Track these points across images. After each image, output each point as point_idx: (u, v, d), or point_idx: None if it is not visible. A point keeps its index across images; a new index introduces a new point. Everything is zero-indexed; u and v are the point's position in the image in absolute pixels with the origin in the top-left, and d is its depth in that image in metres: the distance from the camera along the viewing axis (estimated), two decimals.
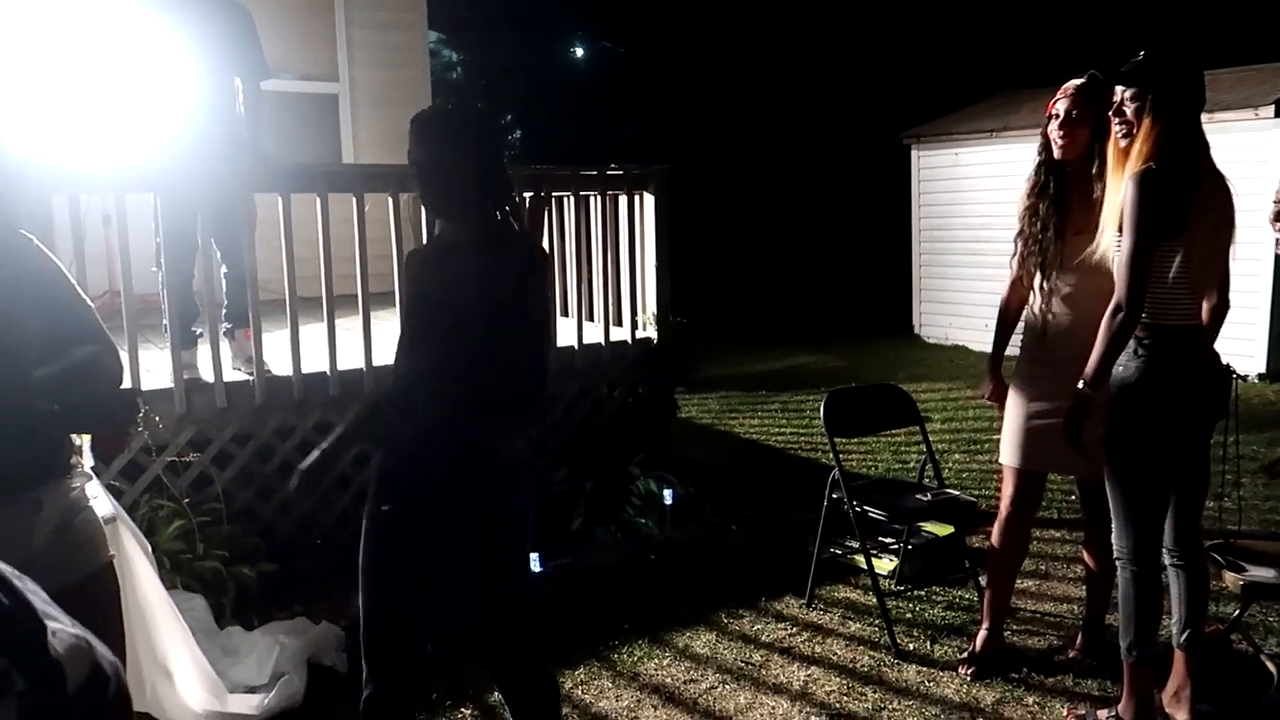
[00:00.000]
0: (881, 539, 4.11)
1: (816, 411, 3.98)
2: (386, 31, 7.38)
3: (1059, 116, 2.90)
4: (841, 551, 4.04)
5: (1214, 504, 3.33)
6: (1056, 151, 2.93)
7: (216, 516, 3.64)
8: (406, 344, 2.28)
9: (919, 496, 3.62)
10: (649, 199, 4.92)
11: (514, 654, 2.28)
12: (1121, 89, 2.55)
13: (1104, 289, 2.62)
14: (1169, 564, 2.74)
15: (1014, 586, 3.41)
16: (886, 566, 3.97)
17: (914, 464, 5.19)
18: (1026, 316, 3.10)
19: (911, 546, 3.96)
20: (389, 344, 2.71)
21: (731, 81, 15.08)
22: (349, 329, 4.14)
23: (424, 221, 2.28)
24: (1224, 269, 2.70)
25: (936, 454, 4.00)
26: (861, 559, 3.64)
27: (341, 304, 4.06)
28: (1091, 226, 2.76)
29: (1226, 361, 2.72)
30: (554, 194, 4.81)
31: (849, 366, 8.93)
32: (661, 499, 4.48)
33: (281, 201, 3.88)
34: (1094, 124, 2.84)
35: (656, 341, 4.97)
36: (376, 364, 4.03)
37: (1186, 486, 2.70)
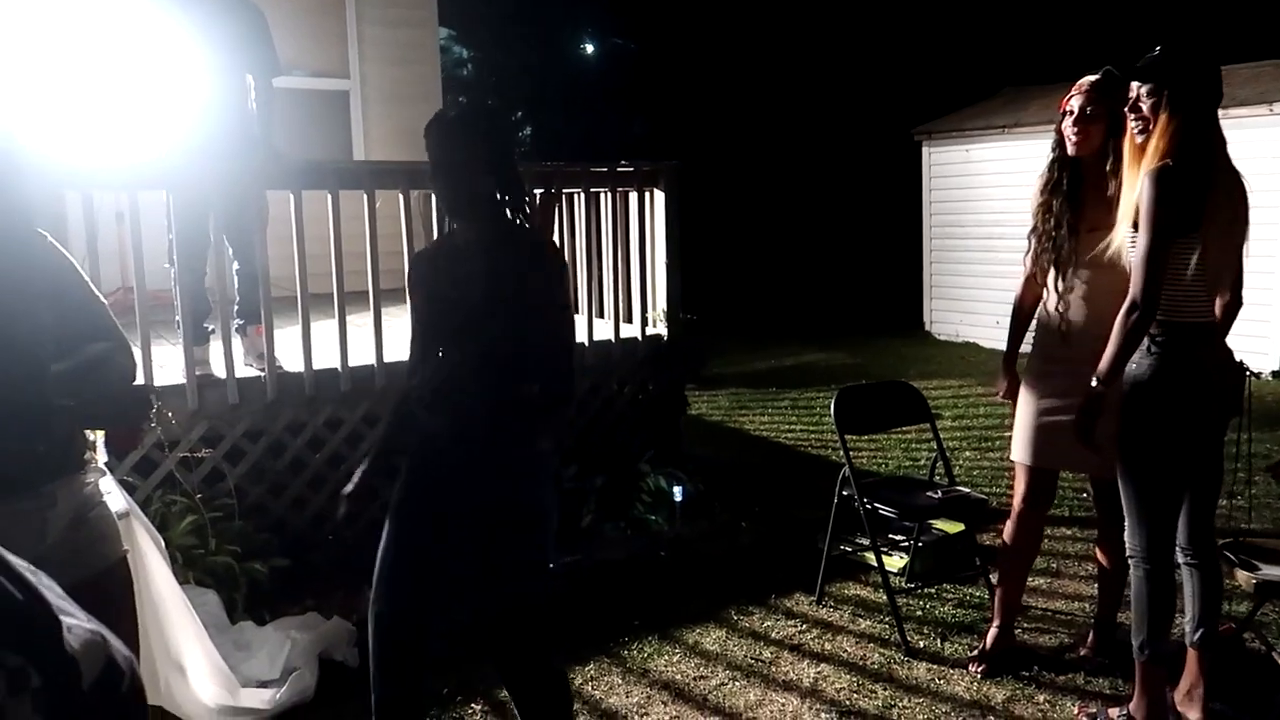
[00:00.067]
0: (892, 536, 4.11)
1: (826, 408, 3.97)
2: (397, 28, 7.39)
3: (1073, 113, 2.89)
4: (852, 549, 4.04)
5: (1225, 502, 3.31)
6: (1070, 148, 2.91)
7: (228, 512, 3.65)
8: (421, 346, 2.29)
9: (929, 494, 3.61)
10: (659, 195, 4.92)
11: (525, 653, 2.28)
12: (1137, 84, 2.53)
13: (1118, 286, 2.61)
14: (1182, 562, 2.72)
15: (1025, 584, 3.40)
16: (897, 564, 3.96)
17: (925, 461, 5.17)
18: (1040, 313, 3.08)
19: (922, 544, 3.95)
20: (400, 340, 2.71)
21: (742, 78, 15.05)
22: (360, 325, 4.15)
23: (434, 219, 2.27)
24: (1238, 266, 2.68)
25: (947, 451, 3.98)
26: (872, 556, 3.64)
27: (352, 300, 4.08)
28: (1106, 223, 2.75)
29: (1240, 359, 2.71)
30: (564, 191, 4.81)
31: (859, 363, 8.91)
32: (671, 496, 4.48)
33: (293, 198, 3.90)
34: (1108, 120, 2.82)
35: (666, 338, 4.96)
36: (388, 360, 4.05)
37: (1200, 484, 2.68)
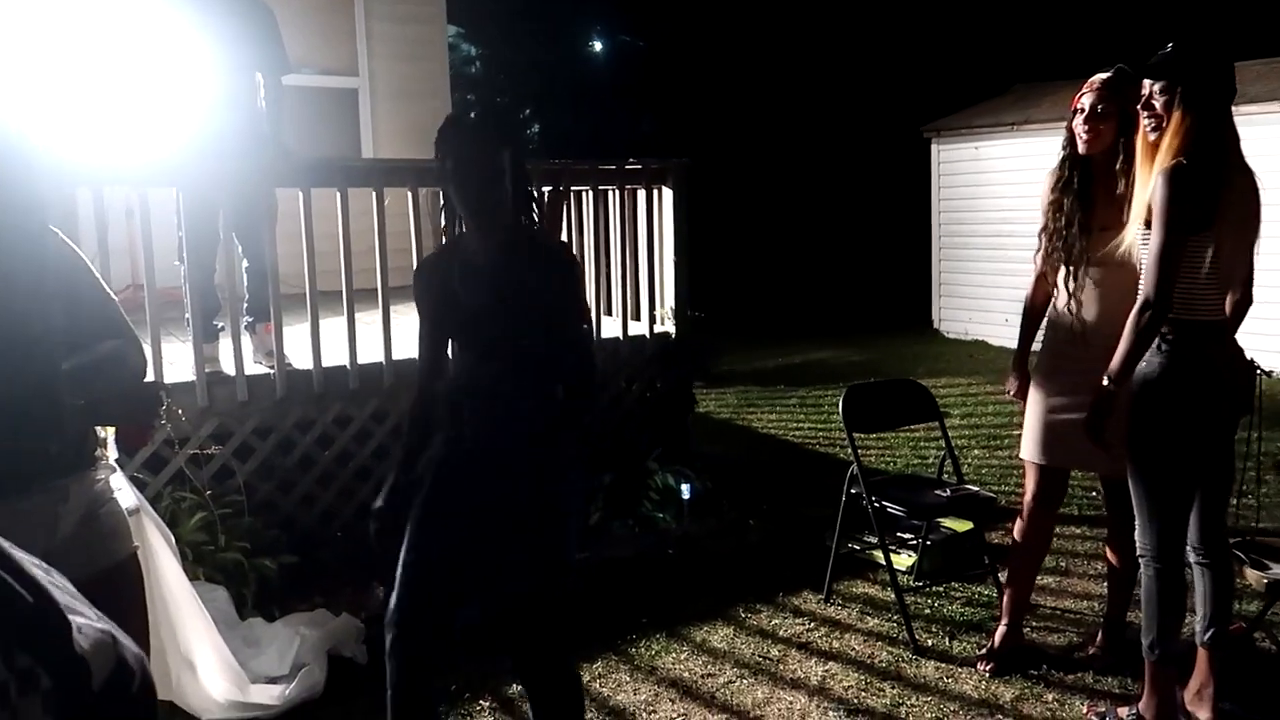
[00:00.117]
0: (900, 534, 4.10)
1: (835, 406, 3.97)
2: (406, 25, 7.39)
3: (1084, 111, 2.87)
4: (860, 547, 4.03)
5: (1235, 501, 3.30)
6: (1081, 146, 2.90)
7: (238, 508, 3.67)
8: (434, 352, 2.29)
9: (938, 492, 3.61)
10: (667, 193, 4.91)
11: (546, 650, 2.30)
12: (1150, 82, 2.51)
13: (1129, 284, 2.60)
14: (1194, 562, 2.71)
15: (1034, 583, 3.39)
16: (905, 562, 3.96)
17: (933, 459, 5.17)
18: (1050, 312, 3.07)
19: (930, 542, 3.95)
20: (408, 337, 2.72)
21: (750, 75, 15.03)
22: (368, 323, 4.16)
23: (441, 222, 2.26)
24: (1249, 264, 2.67)
25: (956, 449, 3.98)
26: (880, 554, 3.63)
27: (361, 298, 4.09)
28: (1117, 222, 2.73)
29: (1250, 357, 2.69)
30: (572, 188, 4.81)
31: (868, 361, 8.89)
32: (679, 494, 4.48)
33: (302, 196, 3.91)
34: (1119, 119, 2.81)
35: (674, 336, 4.96)
36: (396, 357, 4.06)
37: (1210, 483, 2.67)
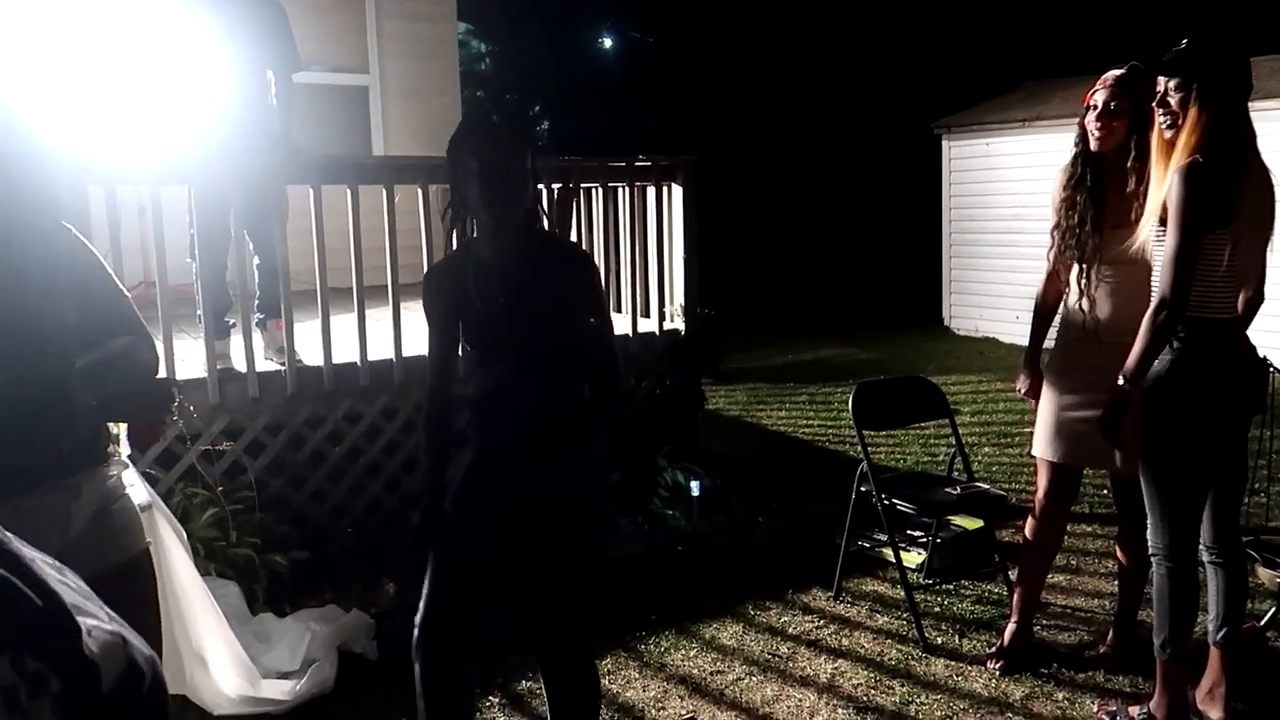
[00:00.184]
0: (910, 532, 4.09)
1: (844, 404, 3.96)
2: (417, 23, 7.40)
3: (1097, 107, 2.85)
4: (869, 544, 4.03)
5: (1247, 499, 3.28)
6: (1094, 143, 2.88)
7: (249, 504, 3.68)
8: (444, 356, 2.29)
9: (948, 490, 3.60)
10: (677, 190, 4.91)
11: (572, 645, 2.32)
12: (1165, 79, 2.48)
13: (1142, 282, 2.58)
14: (1207, 561, 2.70)
15: (1045, 581, 3.38)
16: (915, 560, 3.95)
17: (943, 457, 5.15)
18: (1063, 310, 3.05)
19: (940, 540, 3.94)
20: (419, 335, 2.72)
21: (760, 71, 15.00)
22: (379, 319, 4.17)
23: (450, 225, 2.26)
24: (1263, 261, 2.65)
25: (966, 447, 3.96)
26: (889, 552, 3.63)
27: (371, 295, 4.10)
28: (1128, 220, 2.72)
29: (1263, 355, 2.68)
30: (582, 186, 4.81)
31: (878, 358, 8.87)
32: (689, 490, 4.48)
33: (313, 193, 3.92)
34: (1132, 116, 2.79)
35: (684, 333, 4.96)
36: (406, 354, 4.07)
37: (1223, 482, 2.65)
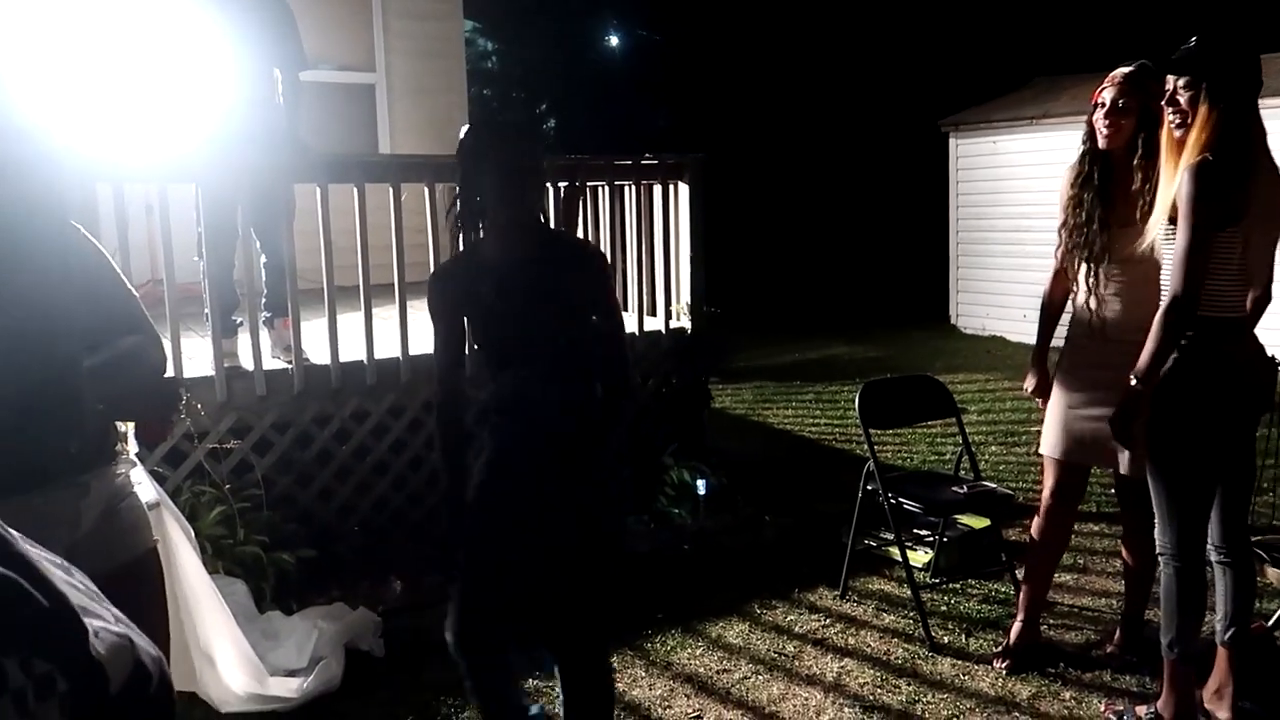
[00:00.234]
0: (916, 531, 4.09)
1: (851, 402, 3.96)
2: (424, 21, 7.40)
3: (1105, 105, 2.84)
4: (876, 543, 4.02)
5: (1254, 498, 3.27)
6: (1101, 141, 2.87)
7: (256, 502, 3.69)
8: (452, 359, 2.29)
9: (955, 489, 3.59)
10: (684, 188, 4.90)
11: (591, 643, 2.33)
12: (1174, 77, 2.48)
13: (1150, 281, 2.58)
14: (1214, 560, 2.69)
15: (1052, 580, 3.37)
16: (921, 559, 3.94)
17: (950, 456, 5.14)
18: (1071, 309, 3.05)
19: (947, 539, 3.93)
20: (425, 333, 2.72)
21: (766, 69, 14.97)
22: (386, 318, 4.18)
23: (458, 225, 2.26)
24: (1272, 260, 2.64)
25: (973, 446, 3.96)
26: (896, 551, 3.62)
27: (378, 293, 4.11)
28: (1136, 218, 2.71)
29: (1271, 354, 2.67)
30: (588, 184, 4.81)
31: (884, 357, 8.85)
32: (695, 489, 4.48)
33: (319, 192, 3.93)
34: (1140, 114, 2.78)
35: (690, 331, 4.96)
36: (413, 353, 4.07)
37: (1231, 481, 2.65)
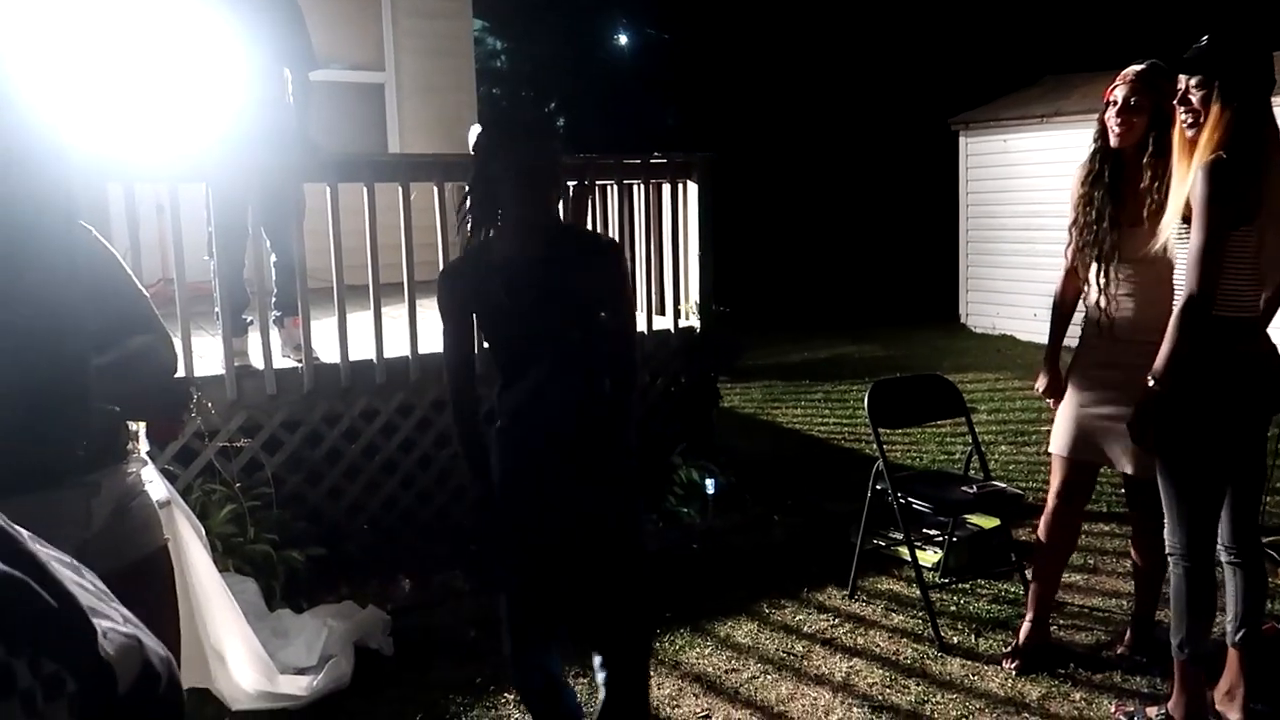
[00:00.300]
0: (926, 531, 4.08)
1: (860, 401, 3.94)
2: (433, 20, 7.41)
3: (1117, 103, 2.82)
4: (885, 543, 4.01)
5: (1265, 499, 3.25)
6: (1113, 139, 2.85)
7: (266, 501, 3.71)
8: (461, 357, 2.29)
9: (964, 488, 3.58)
10: (692, 187, 4.90)
11: (636, 635, 2.36)
12: (1185, 76, 2.46)
13: (1162, 280, 2.56)
14: (1225, 561, 2.68)
15: (1061, 580, 3.36)
16: (930, 558, 3.93)
17: (960, 455, 5.12)
18: (1082, 308, 3.03)
19: (956, 539, 3.92)
20: (434, 332, 2.72)
21: (775, 68, 14.95)
22: (395, 317, 4.19)
23: (468, 224, 2.25)
24: None
25: (983, 445, 3.95)
26: (905, 551, 3.61)
27: (388, 292, 4.11)
28: (1147, 217, 2.70)
29: None
30: (597, 182, 4.81)
31: (894, 356, 8.83)
32: (704, 488, 4.48)
33: (329, 191, 3.93)
34: (1152, 112, 2.76)
35: (699, 330, 4.96)
36: (422, 352, 4.08)
37: (1242, 481, 2.63)
